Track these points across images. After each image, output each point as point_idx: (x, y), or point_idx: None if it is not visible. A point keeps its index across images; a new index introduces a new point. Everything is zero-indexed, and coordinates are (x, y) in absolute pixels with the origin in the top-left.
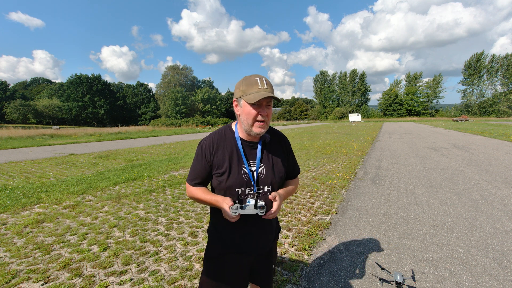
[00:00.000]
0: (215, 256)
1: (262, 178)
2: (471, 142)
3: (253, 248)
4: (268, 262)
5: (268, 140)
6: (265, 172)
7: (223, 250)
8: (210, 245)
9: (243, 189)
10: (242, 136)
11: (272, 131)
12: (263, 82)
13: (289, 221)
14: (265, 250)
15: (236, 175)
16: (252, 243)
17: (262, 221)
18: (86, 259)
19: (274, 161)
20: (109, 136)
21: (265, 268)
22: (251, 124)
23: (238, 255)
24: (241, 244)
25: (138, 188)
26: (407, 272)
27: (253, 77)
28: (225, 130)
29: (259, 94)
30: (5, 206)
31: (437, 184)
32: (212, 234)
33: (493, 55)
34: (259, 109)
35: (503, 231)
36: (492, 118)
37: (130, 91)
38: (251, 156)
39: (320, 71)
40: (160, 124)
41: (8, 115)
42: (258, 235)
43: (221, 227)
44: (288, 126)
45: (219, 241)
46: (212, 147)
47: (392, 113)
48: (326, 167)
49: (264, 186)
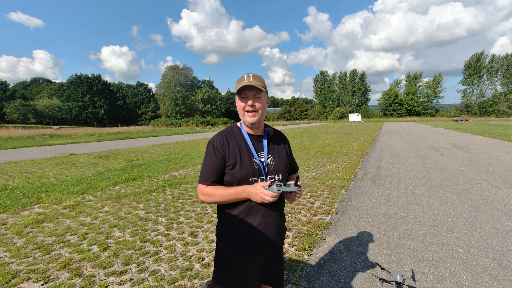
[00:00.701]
0: (228, 261)
1: (272, 167)
2: (471, 142)
3: (269, 243)
4: (280, 261)
5: (271, 134)
6: (274, 162)
7: (236, 251)
8: (222, 248)
9: (255, 179)
10: (248, 131)
11: (272, 128)
12: (249, 77)
13: (289, 221)
14: (279, 245)
15: (248, 166)
16: (268, 237)
17: (276, 212)
18: (86, 259)
19: (279, 153)
20: (109, 136)
21: (278, 267)
22: (243, 114)
23: (252, 254)
24: (257, 239)
25: (138, 188)
26: (407, 272)
27: (244, 75)
28: (232, 128)
29: (238, 85)
30: (5, 206)
31: (437, 184)
32: (223, 236)
33: (493, 55)
34: (246, 101)
35: (503, 231)
36: (492, 118)
37: (130, 91)
38: (259, 148)
39: (320, 71)
40: (160, 124)
41: (8, 115)
42: (273, 227)
43: (234, 224)
44: (288, 126)
45: (232, 242)
46: (223, 142)
47: (392, 113)
48: (326, 167)
49: (274, 175)
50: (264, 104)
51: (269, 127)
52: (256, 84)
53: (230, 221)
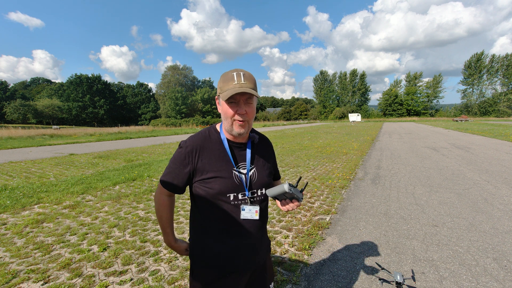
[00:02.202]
0: (204, 287)
1: (254, 181)
2: (471, 142)
3: (251, 263)
4: (263, 279)
5: (257, 141)
6: (257, 174)
7: (213, 276)
8: (196, 272)
9: (235, 194)
10: (228, 137)
11: (257, 133)
12: (240, 77)
13: (289, 221)
14: (261, 263)
15: (227, 179)
16: (250, 256)
17: (258, 226)
18: (86, 259)
19: (264, 163)
20: (109, 136)
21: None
22: (230, 123)
23: (233, 278)
24: (237, 260)
25: (138, 188)
26: (407, 272)
27: (231, 72)
28: (210, 131)
29: (233, 90)
30: (5, 206)
31: (437, 184)
32: (197, 256)
33: (493, 55)
34: (236, 107)
35: (503, 231)
36: (492, 118)
37: (130, 91)
38: (240, 158)
39: (320, 71)
40: (160, 124)
41: (8, 115)
42: (256, 244)
43: (209, 243)
44: (288, 126)
45: (207, 265)
46: (195, 151)
47: (392, 113)
48: (326, 167)
49: (257, 190)
50: (255, 109)
51: (254, 131)
52: (250, 89)
53: (204, 239)
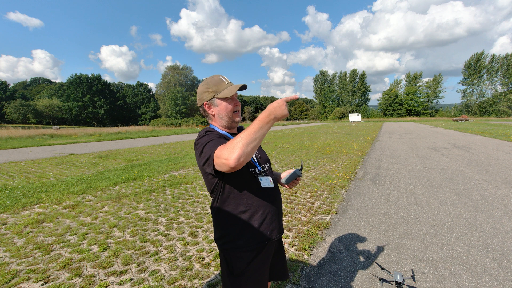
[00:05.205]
0: (246, 266)
1: (260, 158)
2: (471, 142)
3: (281, 227)
4: (282, 247)
5: (242, 129)
6: (259, 153)
7: (254, 253)
8: (235, 257)
9: (253, 169)
10: (226, 131)
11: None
12: (226, 78)
13: (289, 221)
14: (283, 229)
15: None
16: (278, 220)
17: (276, 193)
18: (86, 259)
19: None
20: (109, 136)
21: (282, 254)
22: (231, 116)
23: (267, 249)
24: (272, 223)
25: (138, 188)
26: (407, 272)
27: (215, 77)
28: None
29: (232, 88)
30: (5, 206)
31: (437, 184)
32: (232, 243)
33: (493, 55)
34: (232, 101)
35: (503, 231)
36: (492, 118)
37: (130, 91)
38: None
39: (320, 71)
40: (160, 124)
41: (8, 115)
42: (279, 209)
43: (240, 226)
44: (288, 126)
45: (245, 246)
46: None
47: (392, 113)
48: (326, 167)
49: (265, 164)
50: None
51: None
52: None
53: (235, 225)
